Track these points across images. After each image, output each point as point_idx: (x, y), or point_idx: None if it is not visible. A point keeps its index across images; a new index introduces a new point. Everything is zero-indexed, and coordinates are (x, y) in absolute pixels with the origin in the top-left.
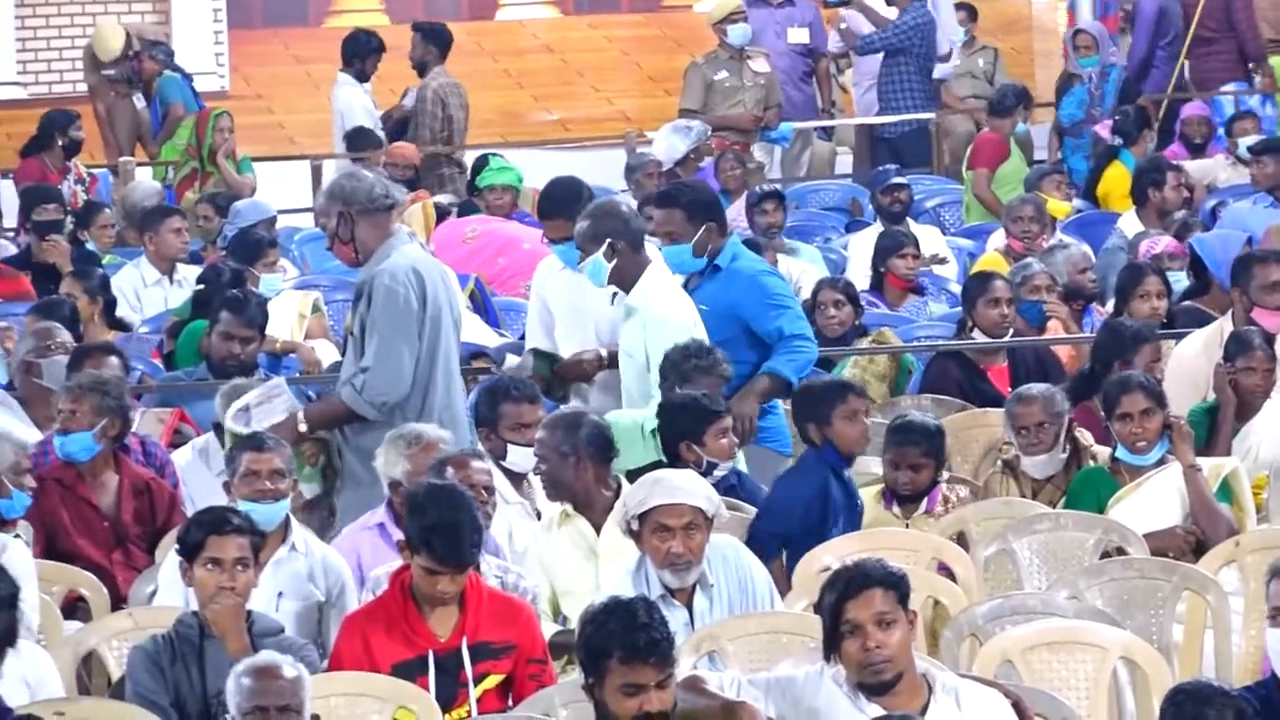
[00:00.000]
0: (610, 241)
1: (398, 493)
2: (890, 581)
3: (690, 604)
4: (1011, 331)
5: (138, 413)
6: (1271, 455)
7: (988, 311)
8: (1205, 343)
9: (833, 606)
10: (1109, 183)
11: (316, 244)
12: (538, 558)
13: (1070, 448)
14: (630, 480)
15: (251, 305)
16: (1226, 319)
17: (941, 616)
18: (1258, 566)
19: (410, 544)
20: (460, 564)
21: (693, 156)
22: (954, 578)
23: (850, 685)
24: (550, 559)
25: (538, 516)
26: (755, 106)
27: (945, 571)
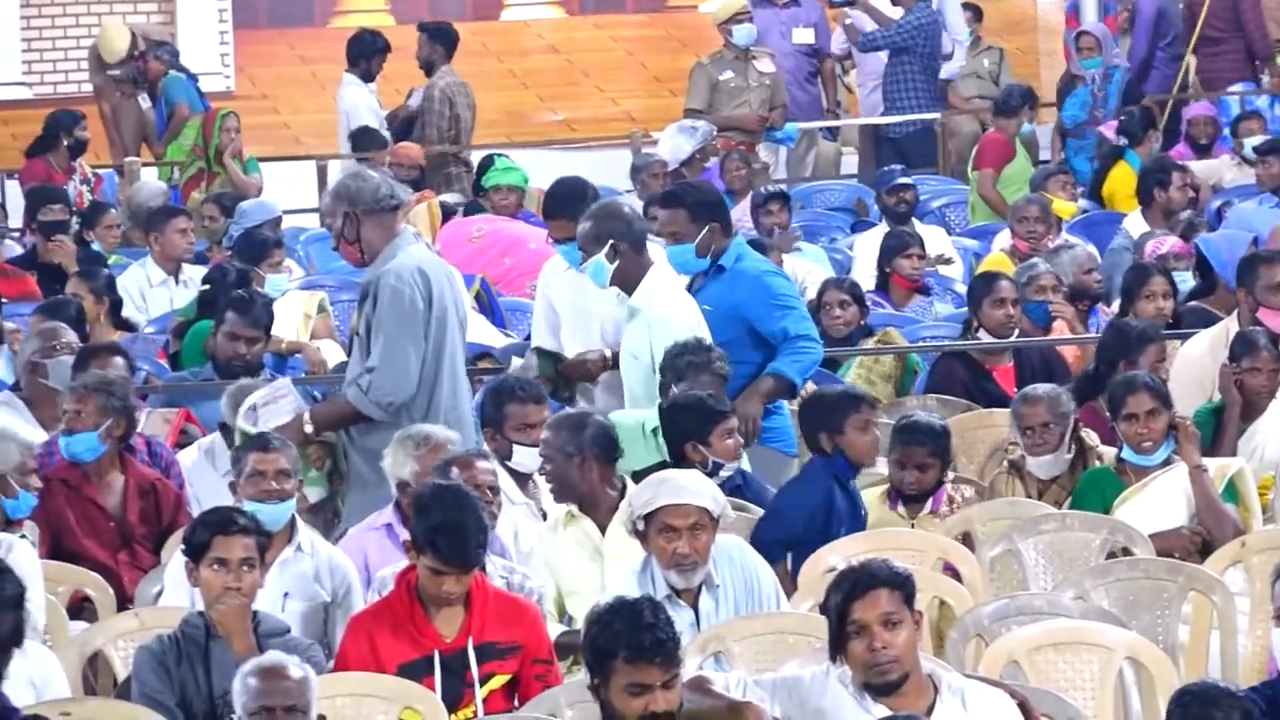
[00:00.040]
0: (613, 243)
1: (406, 493)
2: (896, 582)
3: (696, 604)
4: (1017, 332)
5: (143, 413)
6: (1277, 455)
7: (993, 312)
8: (1211, 343)
9: (839, 607)
10: (1114, 183)
11: (322, 244)
12: (543, 558)
13: (1076, 448)
14: (636, 481)
15: (257, 305)
16: (1232, 319)
17: (947, 617)
18: (1263, 567)
19: (416, 544)
20: (466, 564)
21: (698, 157)
22: (959, 578)
23: (856, 686)
24: (556, 559)
25: (543, 517)
26: (760, 107)
27: (951, 572)
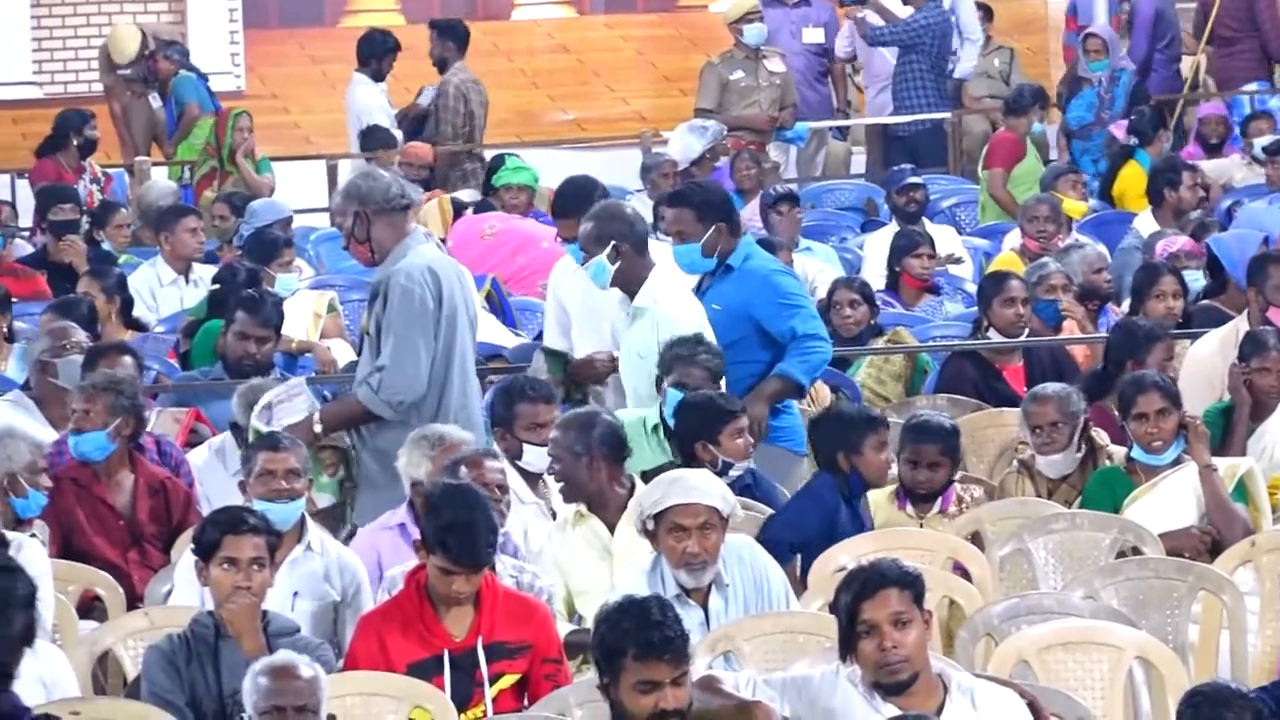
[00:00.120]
0: (615, 244)
1: (419, 493)
2: (906, 581)
3: (706, 604)
4: (1027, 331)
5: (153, 412)
6: None
7: (1003, 311)
8: (1221, 342)
9: (848, 606)
10: (1125, 182)
11: (332, 244)
12: (552, 558)
13: (1086, 447)
14: (645, 481)
15: (267, 305)
16: (1242, 318)
17: (957, 616)
18: (1273, 566)
19: (426, 544)
20: (476, 564)
21: (708, 156)
22: (969, 577)
23: (866, 685)
24: (565, 559)
25: (553, 516)
26: (771, 106)
27: (960, 571)
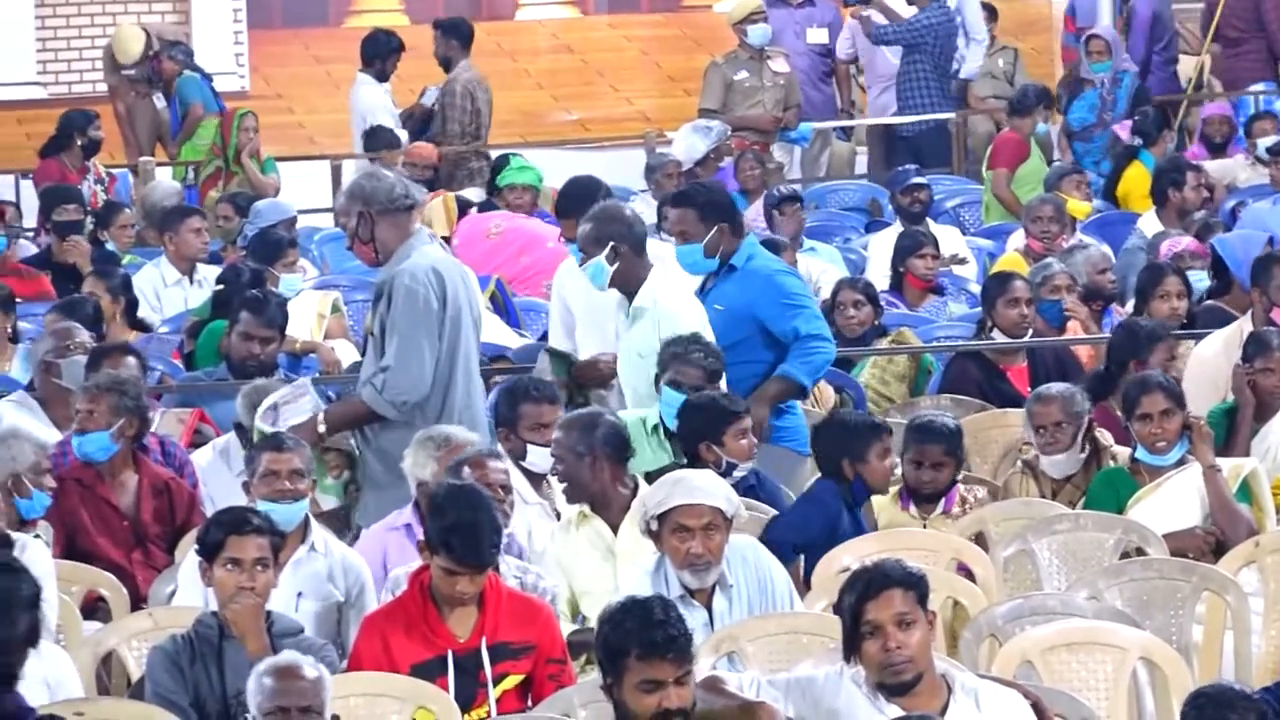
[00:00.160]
0: (613, 245)
1: (425, 494)
2: (910, 582)
3: (710, 604)
4: (1031, 332)
5: (157, 413)
6: None
7: (1007, 312)
8: (1225, 343)
9: (852, 607)
10: (1129, 183)
11: (336, 244)
12: (556, 558)
13: (1090, 448)
14: (649, 482)
15: (271, 305)
16: (1246, 319)
17: (961, 617)
18: (1278, 567)
19: (430, 544)
20: (480, 564)
21: (712, 156)
22: (973, 578)
23: (870, 686)
24: (568, 559)
25: (557, 517)
26: (775, 107)
27: (964, 572)
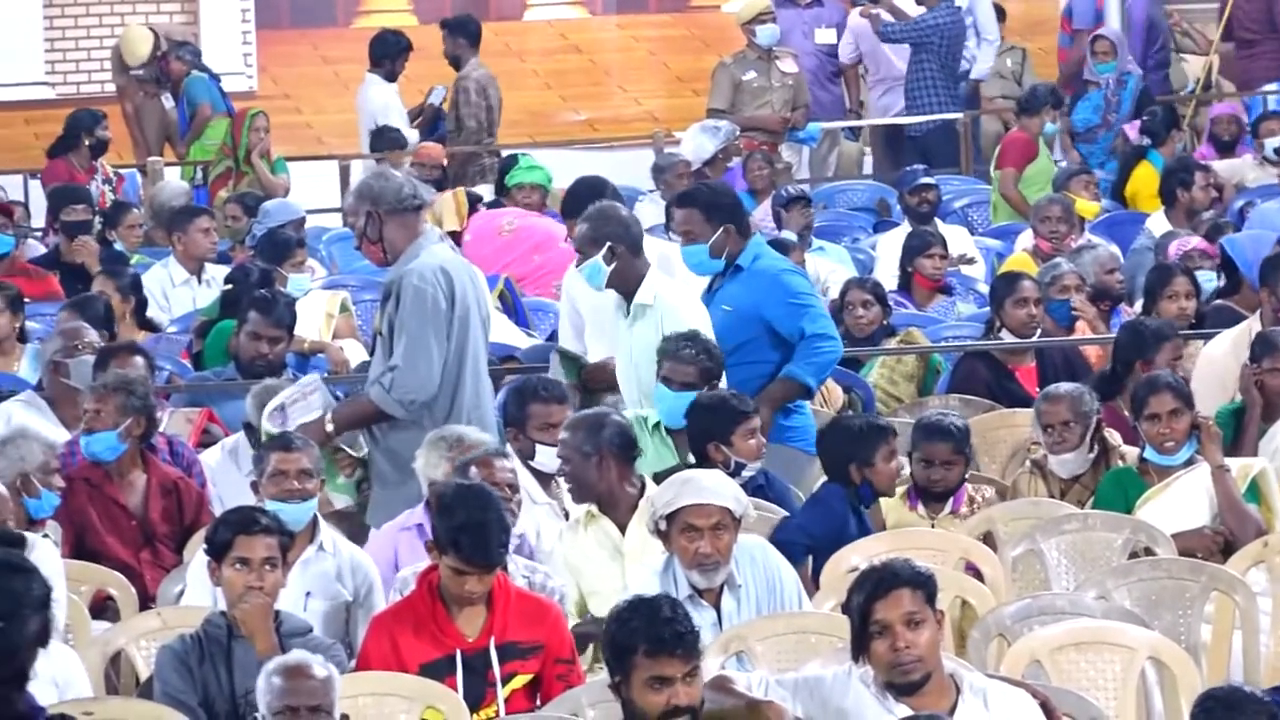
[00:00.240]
0: (610, 245)
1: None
2: (918, 581)
3: (718, 604)
4: (1039, 332)
5: (166, 413)
6: None
7: (1016, 311)
8: (1234, 343)
9: (861, 607)
10: (1137, 183)
11: (345, 244)
12: (563, 558)
13: (1099, 448)
14: (657, 483)
15: (280, 305)
16: (1255, 319)
17: (969, 617)
18: None
19: (438, 544)
20: (488, 564)
21: (721, 157)
22: (981, 578)
23: (878, 685)
24: (576, 559)
25: (566, 517)
26: (783, 107)
27: (973, 571)
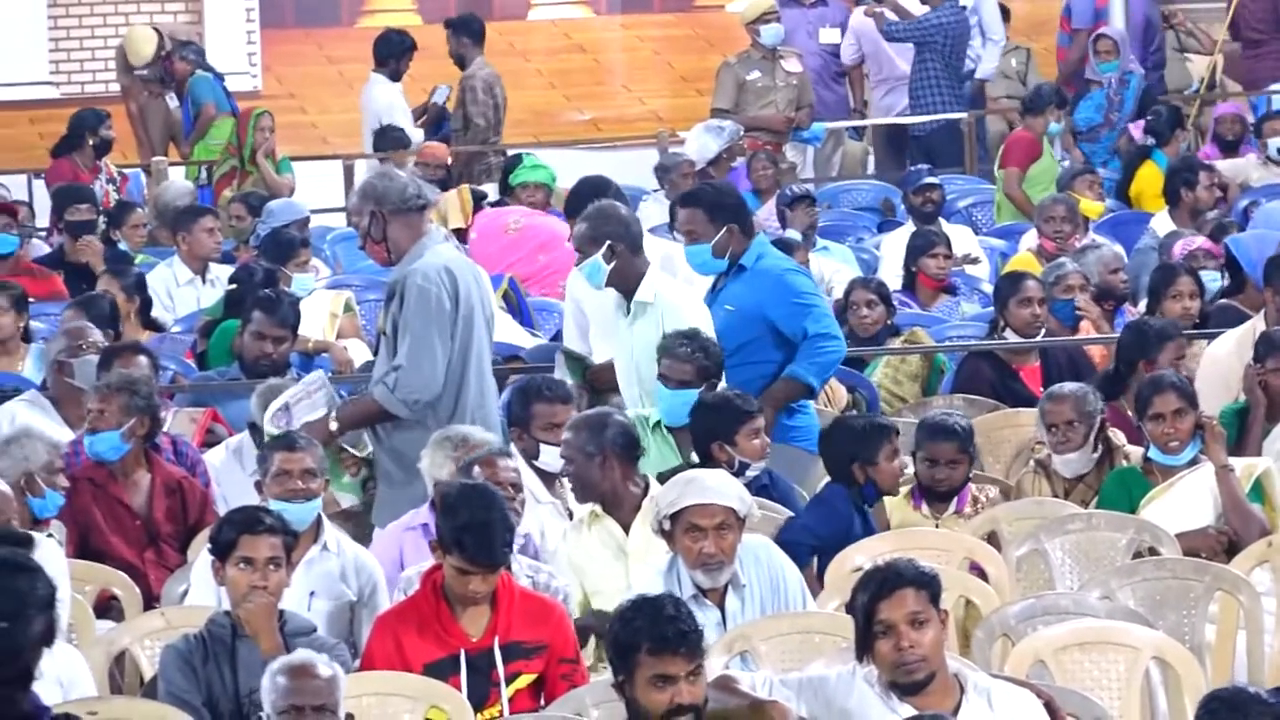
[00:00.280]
0: (610, 243)
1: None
2: (923, 581)
3: (722, 604)
4: (1044, 331)
5: (170, 412)
6: None
7: (1020, 311)
8: (1238, 342)
9: (865, 606)
10: (1141, 183)
11: (349, 243)
12: (567, 558)
13: (1103, 448)
14: (661, 483)
15: (284, 305)
16: (1259, 318)
17: (973, 616)
18: None
19: (442, 544)
20: (492, 564)
21: (725, 156)
22: (986, 578)
23: (883, 685)
24: (580, 559)
25: (570, 516)
26: (787, 107)
27: (977, 571)
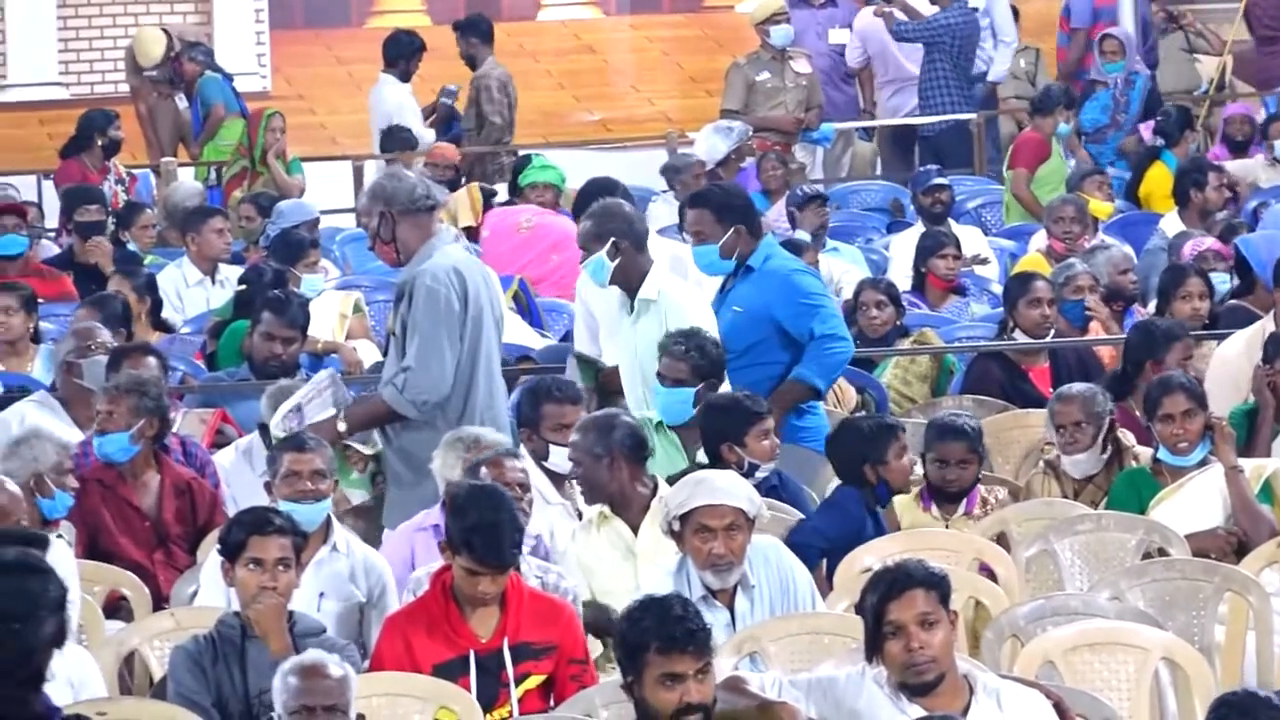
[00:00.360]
0: (614, 240)
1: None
2: (932, 582)
3: (732, 605)
4: (1053, 332)
5: (179, 413)
6: None
7: (1029, 312)
8: (1247, 343)
9: (875, 607)
10: (1151, 183)
11: (358, 244)
12: (576, 559)
13: (1112, 448)
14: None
15: (293, 305)
16: (1269, 319)
17: (983, 617)
18: None
19: (451, 545)
20: (501, 564)
21: (734, 157)
22: (995, 578)
23: (892, 686)
24: (589, 560)
25: (579, 517)
26: (797, 107)
27: (986, 572)
